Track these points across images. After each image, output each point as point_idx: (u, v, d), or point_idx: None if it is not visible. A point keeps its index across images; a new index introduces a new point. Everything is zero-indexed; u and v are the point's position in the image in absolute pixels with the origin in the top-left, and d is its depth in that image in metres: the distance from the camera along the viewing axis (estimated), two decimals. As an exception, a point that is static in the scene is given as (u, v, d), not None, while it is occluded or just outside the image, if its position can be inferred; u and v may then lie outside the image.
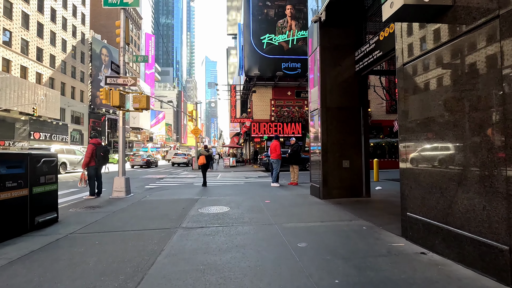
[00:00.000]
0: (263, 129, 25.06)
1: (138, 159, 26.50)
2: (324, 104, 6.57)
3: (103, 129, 53.10)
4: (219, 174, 17.91)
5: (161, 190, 9.10)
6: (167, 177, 15.67)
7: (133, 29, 74.10)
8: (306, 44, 25.41)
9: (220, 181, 12.89)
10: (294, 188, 8.92)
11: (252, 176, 15.42)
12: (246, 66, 24.61)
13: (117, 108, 7.34)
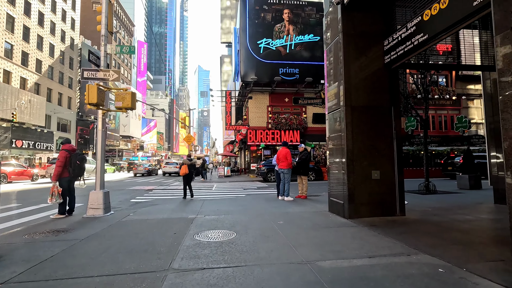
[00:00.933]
0: (259, 137, 23.87)
1: (140, 168, 27.93)
2: (349, 103, 5.41)
3: (91, 137, 51.07)
4: (214, 184, 16.53)
5: (149, 205, 7.72)
6: (157, 188, 14.22)
7: (125, 36, 73.00)
8: (305, 49, 24.68)
9: (216, 193, 11.55)
10: (306, 203, 7.67)
11: (251, 187, 14.12)
12: (242, 71, 23.58)
13: (94, 107, 6.02)
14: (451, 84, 27.40)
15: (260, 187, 14.15)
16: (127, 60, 76.04)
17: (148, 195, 11.07)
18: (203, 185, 16.22)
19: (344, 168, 5.36)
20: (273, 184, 15.62)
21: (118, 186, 15.80)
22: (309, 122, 25.29)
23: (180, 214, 6.12)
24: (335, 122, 5.82)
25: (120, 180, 20.95)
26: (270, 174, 18.13)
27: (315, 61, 24.43)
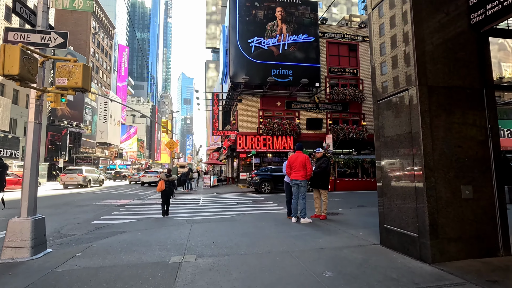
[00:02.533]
0: (250, 143, 21.83)
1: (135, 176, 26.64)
2: (424, 80, 3.52)
3: (64, 144, 47.14)
4: (201, 197, 14.23)
5: (113, 234, 5.42)
6: (132, 203, 11.77)
7: (104, 38, 69.62)
8: (299, 50, 23.13)
9: (205, 210, 9.32)
10: (333, 228, 5.63)
11: (245, 201, 11.97)
12: (231, 71, 21.62)
13: (16, 82, 3.78)
14: (445, 91, 26.68)
15: (256, 201, 12.03)
16: (106, 63, 72.50)
17: (118, 213, 8.69)
18: (187, 198, 13.90)
19: (420, 183, 3.41)
20: (269, 197, 13.52)
21: (85, 200, 13.17)
22: (303, 128, 23.58)
23: (158, 254, 3.92)
24: (396, 111, 3.90)
25: (90, 192, 18.15)
26: (264, 184, 16.07)
27: (309, 63, 22.93)
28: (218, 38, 68.73)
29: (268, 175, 16.27)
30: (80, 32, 62.00)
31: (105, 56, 71.19)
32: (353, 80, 25.25)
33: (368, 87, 25.18)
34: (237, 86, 22.30)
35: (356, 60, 25.50)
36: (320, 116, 24.15)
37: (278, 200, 11.99)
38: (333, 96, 23.90)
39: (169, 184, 8.35)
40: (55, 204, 11.15)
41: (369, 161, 17.39)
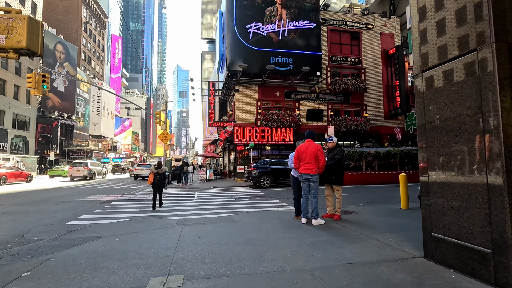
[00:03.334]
0: (247, 135, 20.80)
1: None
2: (503, 36, 2.51)
3: (55, 136, 45.62)
4: (196, 192, 13.23)
5: (84, 240, 4.40)
6: (119, 198, 10.73)
7: (96, 28, 67.44)
8: (300, 37, 21.95)
9: (199, 208, 8.33)
10: (353, 232, 4.66)
11: (244, 196, 11.01)
12: (228, 59, 20.41)
13: None
14: (450, 81, 25.76)
15: (255, 196, 11.07)
16: (99, 53, 70.42)
17: (100, 212, 7.66)
18: (181, 192, 12.91)
19: (497, 177, 2.43)
20: (269, 192, 12.57)
21: (70, 194, 12.10)
22: (303, 120, 22.58)
23: (133, 273, 2.93)
24: (454, 82, 2.89)
25: (79, 186, 17.05)
26: (263, 178, 15.11)
27: (310, 51, 21.80)
28: (214, 28, 66.96)
29: (268, 169, 15.32)
30: (71, 20, 59.85)
31: (98, 46, 69.10)
32: (355, 69, 24.20)
33: (370, 77, 24.18)
34: (234, 74, 21.14)
35: (358, 48, 24.41)
36: (321, 107, 23.14)
37: (279, 196, 11.04)
38: (335, 86, 22.86)
39: (159, 176, 8.17)
40: (33, 201, 10.08)
41: (373, 154, 16.49)
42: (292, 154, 5.91)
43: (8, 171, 18.58)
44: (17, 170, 19.74)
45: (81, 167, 23.74)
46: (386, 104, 24.57)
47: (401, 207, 6.91)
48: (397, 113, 23.37)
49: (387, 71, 24.77)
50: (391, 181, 16.46)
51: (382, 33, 24.98)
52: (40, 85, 13.76)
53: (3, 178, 17.73)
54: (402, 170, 17.10)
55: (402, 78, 22.97)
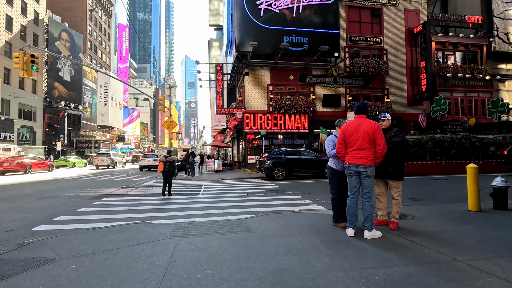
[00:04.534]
0: (259, 123, 19.16)
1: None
2: None
3: (62, 126, 44.95)
4: (202, 185, 11.76)
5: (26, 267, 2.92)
6: (114, 192, 9.35)
7: (102, 16, 66.04)
8: (316, 14, 19.88)
9: (204, 206, 6.81)
10: (445, 259, 3.01)
11: (256, 190, 9.46)
12: (237, 38, 18.61)
13: None
14: (481, 63, 23.37)
15: (270, 190, 9.50)
16: (106, 43, 69.20)
17: (84, 212, 6.25)
18: (187, 185, 11.46)
19: None
20: (285, 185, 10.98)
21: (64, 187, 10.81)
22: (318, 106, 20.74)
23: None
24: None
25: (77, 178, 15.86)
26: (278, 169, 13.52)
27: (327, 29, 19.75)
28: (221, 14, 64.65)
29: (282, 159, 13.71)
30: (76, 8, 58.54)
31: (104, 35, 67.86)
32: (376, 50, 22.03)
33: (393, 59, 22.00)
34: (244, 56, 19.36)
35: (379, 27, 22.15)
36: (338, 91, 21.19)
37: (298, 190, 9.45)
38: (354, 69, 20.82)
39: (169, 165, 8.48)
40: (16, 195, 8.78)
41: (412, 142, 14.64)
42: (330, 138, 4.26)
43: (33, 161, 20.10)
44: (40, 160, 21.25)
45: (105, 157, 27.36)
46: (410, 89, 22.41)
47: (469, 208, 5.21)
48: (423, 98, 21.22)
49: (411, 51, 22.49)
50: (422, 172, 14.65)
51: (407, 9, 22.59)
52: (29, 66, 12.38)
53: (28, 167, 19.22)
54: (433, 160, 15.23)
55: (429, 59, 20.71)
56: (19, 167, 18.54)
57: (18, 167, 18.48)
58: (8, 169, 18.21)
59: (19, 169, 18.55)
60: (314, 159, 14.01)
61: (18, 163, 18.60)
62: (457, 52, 23.44)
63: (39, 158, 21.77)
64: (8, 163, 18.23)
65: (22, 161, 19.00)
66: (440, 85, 22.22)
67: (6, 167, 18.07)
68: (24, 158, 19.77)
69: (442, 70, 22.05)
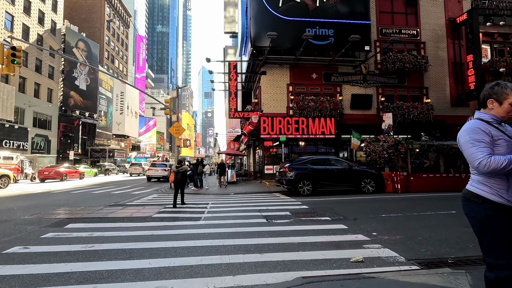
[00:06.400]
0: (277, 127, 16.69)
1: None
2: None
3: (76, 135, 44.41)
4: (209, 203, 9.34)
5: None
6: (91, 215, 7.10)
7: (120, 27, 66.76)
8: (342, 2, 17.42)
9: (201, 245, 4.31)
10: None
11: (279, 214, 6.91)
12: (253, 32, 16.43)
13: None
14: (538, 56, 19.87)
15: (298, 213, 6.92)
16: (123, 53, 69.75)
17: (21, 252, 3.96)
18: (190, 203, 9.08)
19: None
20: (314, 203, 8.34)
21: (36, 205, 8.70)
22: (346, 108, 18.05)
23: None
24: None
25: (69, 191, 13.91)
26: (303, 183, 10.93)
27: (356, 19, 17.22)
28: (236, 21, 63.68)
29: (308, 170, 11.12)
30: (94, 19, 59.25)
31: (121, 45, 68.42)
32: (411, 44, 19.20)
33: (432, 53, 19.05)
34: (260, 52, 17.14)
35: (415, 18, 19.36)
36: (369, 91, 18.44)
37: (335, 213, 6.84)
38: (387, 65, 18.06)
39: (180, 175, 8.51)
40: None
41: (457, 149, 11.67)
42: (475, 129, 1.74)
43: (67, 169, 22.78)
44: (73, 169, 24.15)
45: (137, 166, 33.36)
46: (453, 87, 19.28)
47: None
48: (470, 97, 18.05)
49: (453, 45, 19.46)
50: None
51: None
52: (9, 60, 10.63)
53: (64, 175, 21.79)
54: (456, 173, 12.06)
55: (477, 52, 17.61)
56: (57, 175, 21.24)
57: (55, 175, 21.20)
58: (47, 177, 21.12)
59: (56, 177, 21.23)
60: (347, 169, 11.33)
61: (56, 171, 21.39)
62: (509, 45, 20.14)
63: (72, 167, 24.77)
64: (48, 171, 21.14)
65: (59, 170, 21.76)
66: (491, 82, 18.91)
67: (46, 175, 20.98)
68: (60, 167, 22.55)
69: (493, 64, 18.82)
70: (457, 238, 4.62)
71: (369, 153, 12.69)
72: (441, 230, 5.16)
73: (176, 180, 8.44)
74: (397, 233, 5.00)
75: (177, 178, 8.44)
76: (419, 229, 5.27)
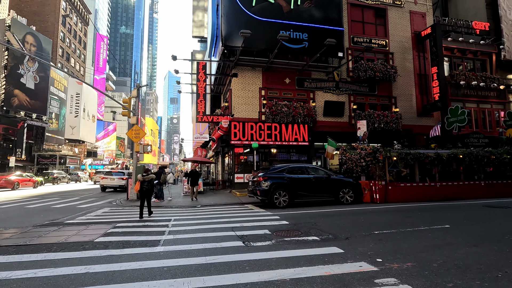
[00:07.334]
0: (249, 133, 15.63)
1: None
2: None
3: (20, 139, 39.37)
4: (171, 219, 7.87)
5: None
6: (33, 234, 5.35)
7: (77, 23, 61.96)
8: (316, 7, 17.07)
9: (161, 287, 3.04)
10: None
11: (255, 232, 5.72)
12: (224, 30, 15.33)
13: None
14: (491, 72, 21.36)
15: (277, 230, 5.79)
16: (80, 51, 64.72)
17: None
18: (148, 219, 7.50)
19: None
20: (294, 217, 7.29)
21: None
22: (319, 114, 17.59)
23: None
24: None
25: (11, 200, 11.44)
26: (279, 193, 9.91)
27: (330, 25, 16.97)
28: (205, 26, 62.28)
29: (285, 179, 10.14)
30: (47, 12, 54.24)
31: (79, 43, 63.43)
32: (381, 54, 19.47)
33: (399, 64, 19.47)
34: (232, 53, 16.08)
35: (384, 29, 19.73)
36: (341, 98, 18.21)
37: (320, 229, 5.84)
38: (358, 73, 18.01)
39: (147, 184, 8.03)
40: None
41: (434, 157, 11.49)
42: None
43: (19, 178, 21.65)
44: (27, 177, 22.84)
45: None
46: (419, 98, 19.83)
47: None
48: (435, 108, 18.62)
49: (419, 57, 20.13)
50: (457, 196, 11.50)
51: (412, 11, 20.43)
52: None
53: (16, 184, 20.69)
54: (470, 181, 12.15)
55: (441, 64, 18.29)
56: (7, 184, 20.07)
57: (6, 184, 20.00)
58: None
59: (7, 185, 20.07)
60: (325, 178, 10.55)
61: (7, 180, 20.18)
62: (466, 60, 21.37)
63: (27, 176, 23.45)
64: None
65: (9, 178, 20.62)
66: (452, 94, 19.80)
67: None
68: (11, 175, 21.68)
69: (454, 77, 19.72)
70: (476, 263, 3.82)
71: (345, 161, 12.10)
72: (451, 251, 4.38)
73: (143, 190, 7.96)
74: (405, 258, 4.10)
75: (143, 187, 7.95)
76: (426, 251, 4.44)
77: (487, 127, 20.50)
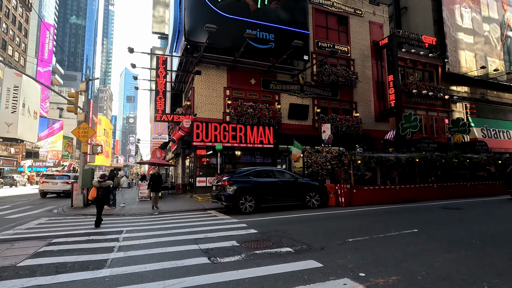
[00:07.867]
0: (212, 134, 14.85)
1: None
2: None
3: None
4: (124, 230, 6.84)
5: None
6: None
7: (17, 8, 55.30)
8: (283, 8, 16.91)
9: None
10: None
11: (221, 243, 5.08)
12: (187, 24, 14.38)
13: None
14: (437, 83, 23.28)
15: (246, 241, 5.20)
16: (21, 39, 57.88)
17: None
18: (94, 232, 6.35)
19: None
20: (261, 224, 6.78)
21: None
22: (284, 117, 17.44)
23: None
24: None
25: None
26: (245, 198, 9.35)
27: (296, 28, 16.94)
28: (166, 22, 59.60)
29: (251, 183, 9.61)
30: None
31: (19, 30, 56.64)
32: (343, 60, 20.04)
33: (360, 70, 20.22)
34: (196, 49, 15.17)
35: (346, 36, 20.36)
36: (306, 102, 18.29)
37: (292, 239, 5.39)
38: (322, 77, 18.29)
39: (103, 190, 7.69)
40: None
41: (394, 161, 11.87)
42: None
43: None
44: None
45: None
46: (377, 104, 20.79)
47: None
48: (391, 114, 19.64)
49: (377, 65, 21.13)
50: (416, 198, 12.01)
51: (371, 21, 21.42)
52: None
53: None
54: (425, 183, 12.80)
55: (396, 73, 19.36)
56: None
57: None
58: None
59: None
60: (292, 182, 10.25)
61: None
62: (416, 70, 23.03)
63: None
64: None
65: None
66: (405, 101, 21.13)
67: None
68: None
69: (407, 86, 21.06)
70: (458, 273, 3.63)
71: (310, 164, 11.98)
72: (430, 260, 4.19)
73: (98, 197, 7.62)
74: (387, 270, 3.78)
75: (99, 194, 7.60)
76: (406, 260, 4.20)
77: (434, 133, 22.23)
